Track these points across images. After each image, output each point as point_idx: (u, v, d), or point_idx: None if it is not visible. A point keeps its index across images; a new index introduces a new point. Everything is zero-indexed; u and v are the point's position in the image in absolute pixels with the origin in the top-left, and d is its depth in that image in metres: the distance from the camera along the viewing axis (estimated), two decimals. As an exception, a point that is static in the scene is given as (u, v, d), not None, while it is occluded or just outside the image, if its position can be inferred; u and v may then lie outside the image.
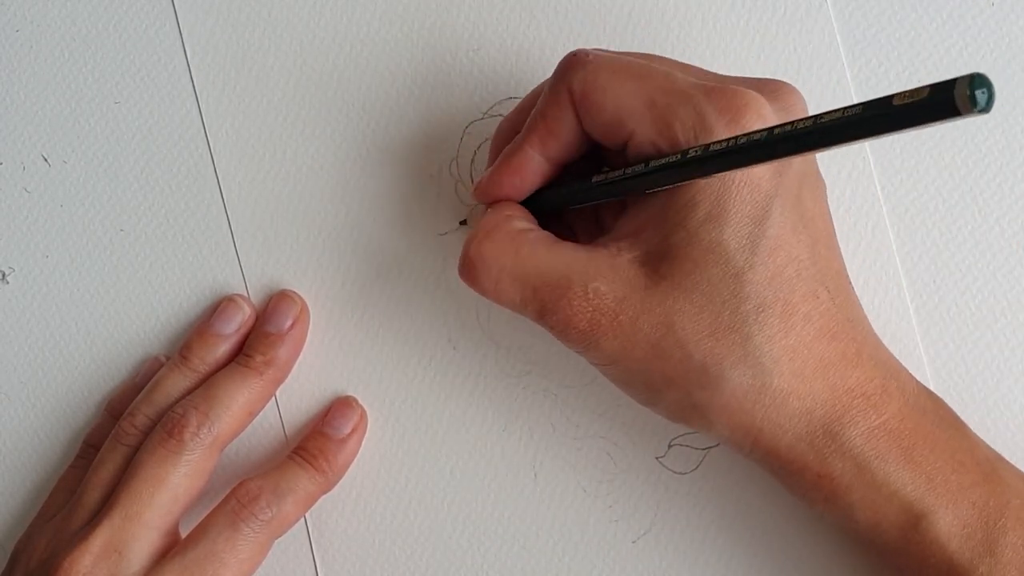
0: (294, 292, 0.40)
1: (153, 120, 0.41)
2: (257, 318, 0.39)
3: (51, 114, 0.41)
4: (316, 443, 0.38)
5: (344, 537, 0.39)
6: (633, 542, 0.38)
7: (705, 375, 0.30)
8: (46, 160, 0.41)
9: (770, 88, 0.32)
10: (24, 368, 0.41)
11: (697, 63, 0.38)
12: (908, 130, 0.23)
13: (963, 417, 0.33)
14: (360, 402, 0.39)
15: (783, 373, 0.30)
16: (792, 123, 0.26)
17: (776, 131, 0.27)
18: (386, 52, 0.40)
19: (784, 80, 0.32)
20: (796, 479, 0.31)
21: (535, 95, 0.35)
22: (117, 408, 0.40)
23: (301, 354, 0.40)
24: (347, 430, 0.38)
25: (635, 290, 0.31)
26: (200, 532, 0.35)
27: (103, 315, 0.41)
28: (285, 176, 0.40)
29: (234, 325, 0.39)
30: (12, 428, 0.41)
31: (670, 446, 0.38)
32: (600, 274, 0.31)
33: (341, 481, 0.38)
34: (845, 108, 0.25)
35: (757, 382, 0.30)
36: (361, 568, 0.39)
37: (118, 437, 0.37)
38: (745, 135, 0.28)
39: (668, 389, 0.31)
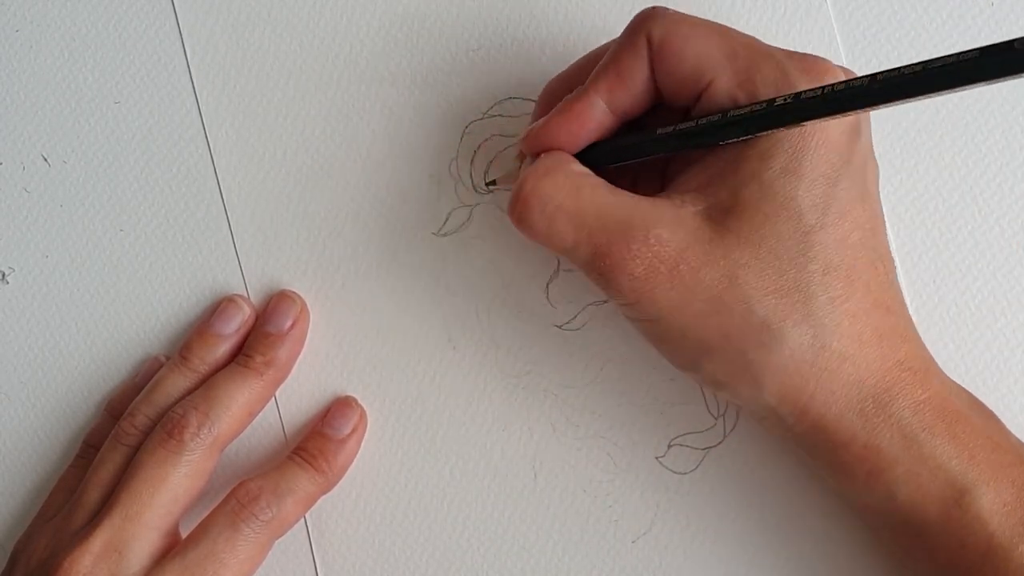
0: (294, 292, 0.40)
1: (153, 120, 0.41)
2: (257, 318, 0.39)
3: (51, 114, 0.41)
4: (316, 443, 0.38)
5: (344, 537, 0.39)
6: (633, 542, 0.38)
7: (766, 332, 0.30)
8: (46, 160, 0.41)
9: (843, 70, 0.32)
10: (24, 368, 0.41)
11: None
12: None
13: (963, 417, 0.33)
14: (360, 402, 0.39)
15: (843, 336, 0.30)
16: (898, 69, 0.25)
17: (880, 77, 0.26)
18: (386, 52, 0.40)
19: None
20: (840, 452, 0.31)
21: (592, 57, 0.34)
22: (117, 408, 0.40)
23: (301, 354, 0.40)
24: (347, 430, 0.38)
25: (699, 241, 0.30)
26: (200, 532, 0.35)
27: (103, 315, 0.41)
28: (285, 176, 0.40)
29: (234, 325, 0.39)
30: (12, 428, 0.41)
31: (670, 446, 0.38)
32: (663, 222, 0.31)
33: (341, 481, 0.38)
34: (959, 53, 0.23)
35: (817, 343, 0.30)
36: (361, 568, 0.39)
37: (118, 437, 0.37)
38: (843, 82, 0.27)
39: (723, 348, 0.31)
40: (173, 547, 0.35)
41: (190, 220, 0.41)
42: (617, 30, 0.32)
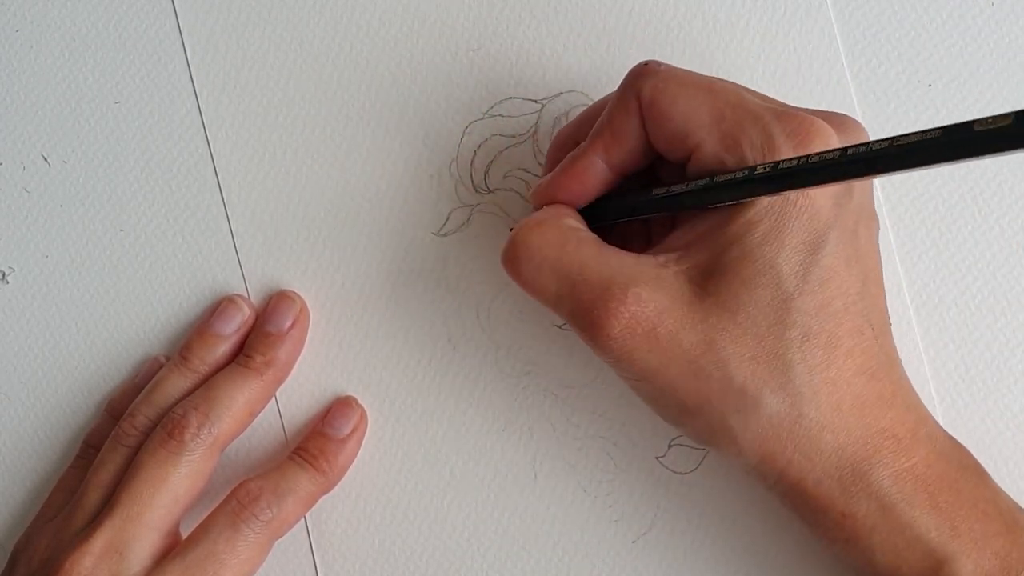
0: (294, 292, 0.40)
1: (153, 120, 0.41)
2: (257, 318, 0.39)
3: (51, 114, 0.41)
4: (316, 443, 0.38)
5: (344, 537, 0.39)
6: (633, 542, 0.38)
7: (743, 398, 0.30)
8: (46, 160, 0.41)
9: (836, 120, 0.31)
10: (24, 368, 0.41)
11: (696, 62, 0.38)
12: (987, 157, 0.23)
13: (963, 418, 0.33)
14: (360, 402, 0.39)
15: (820, 405, 0.30)
16: (867, 144, 0.26)
17: (850, 151, 0.26)
18: (386, 52, 0.40)
19: (846, 113, 0.32)
20: (819, 517, 0.31)
21: (598, 107, 0.35)
22: (117, 408, 0.40)
23: (301, 354, 0.40)
24: (347, 430, 0.38)
25: (678, 303, 0.30)
26: (201, 532, 0.35)
27: (103, 315, 0.41)
28: (285, 176, 0.40)
29: (234, 325, 0.39)
30: (12, 428, 0.41)
31: (670, 446, 0.38)
32: (644, 280, 0.31)
33: (341, 481, 0.38)
34: (923, 132, 0.24)
35: (794, 411, 0.30)
36: (361, 568, 0.39)
37: (118, 438, 0.38)
38: (817, 154, 0.27)
39: (701, 410, 0.31)
40: (174, 547, 0.35)
41: (190, 220, 0.41)
42: (617, 30, 0.32)
